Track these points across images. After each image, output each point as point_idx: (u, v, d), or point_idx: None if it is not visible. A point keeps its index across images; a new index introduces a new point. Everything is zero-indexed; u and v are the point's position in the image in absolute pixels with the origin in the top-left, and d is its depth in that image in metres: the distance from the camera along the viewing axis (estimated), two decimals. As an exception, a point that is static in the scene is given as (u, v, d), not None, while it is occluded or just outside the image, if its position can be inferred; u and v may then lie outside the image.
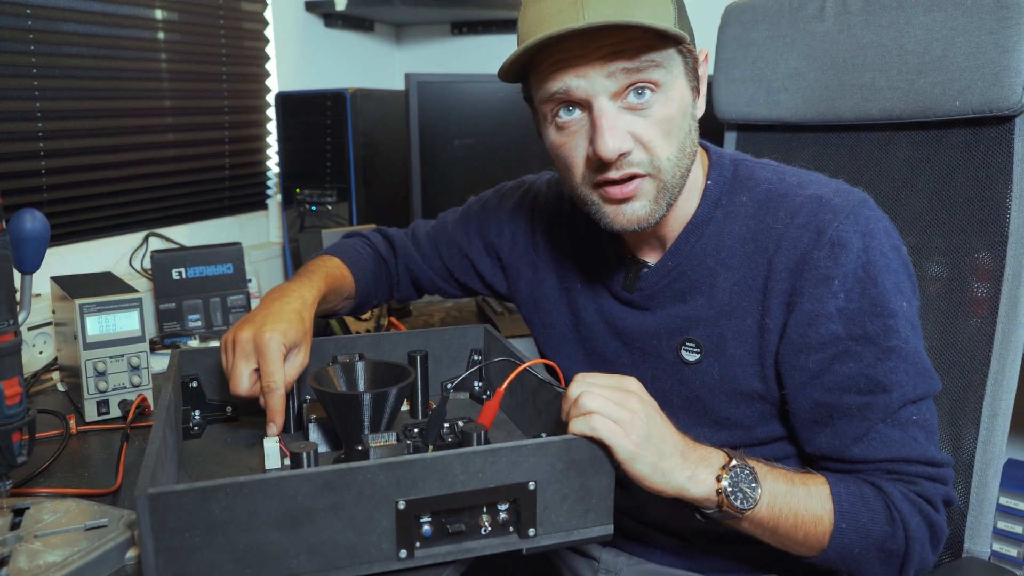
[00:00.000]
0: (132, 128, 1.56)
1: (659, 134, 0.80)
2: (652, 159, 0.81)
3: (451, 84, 1.72)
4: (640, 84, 0.78)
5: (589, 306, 0.99)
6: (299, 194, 1.75)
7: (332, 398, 0.85)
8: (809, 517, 0.78)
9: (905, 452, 0.80)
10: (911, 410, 0.80)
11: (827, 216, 0.81)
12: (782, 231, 0.83)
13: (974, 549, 0.99)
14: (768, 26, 1.19)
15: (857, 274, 0.80)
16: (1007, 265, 0.97)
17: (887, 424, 0.80)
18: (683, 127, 0.82)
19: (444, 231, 1.14)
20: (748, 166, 0.91)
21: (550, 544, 0.73)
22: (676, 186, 0.83)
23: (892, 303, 0.80)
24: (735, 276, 0.86)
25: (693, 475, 0.74)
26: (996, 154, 0.99)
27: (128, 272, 1.55)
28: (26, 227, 0.80)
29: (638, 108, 0.79)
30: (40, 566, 0.67)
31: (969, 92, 0.99)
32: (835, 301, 0.80)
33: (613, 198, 0.82)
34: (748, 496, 0.75)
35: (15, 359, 0.72)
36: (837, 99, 1.13)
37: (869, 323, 0.80)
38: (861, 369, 0.80)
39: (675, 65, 0.81)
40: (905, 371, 0.80)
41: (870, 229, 0.81)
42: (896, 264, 0.82)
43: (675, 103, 0.81)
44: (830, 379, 0.81)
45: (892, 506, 0.79)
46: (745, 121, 1.25)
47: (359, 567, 0.67)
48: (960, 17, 1.00)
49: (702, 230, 0.89)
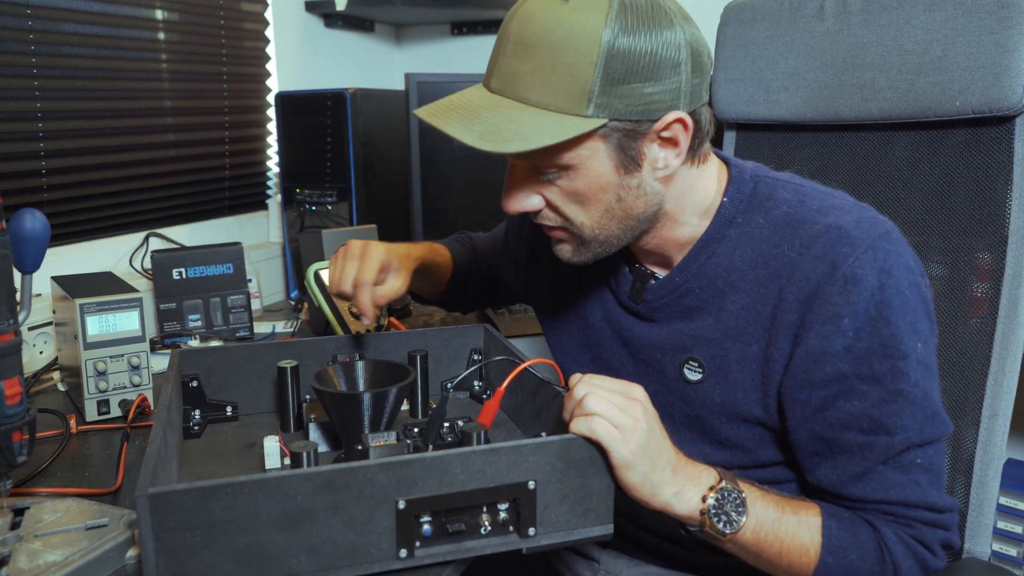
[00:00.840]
0: (132, 128, 1.57)
1: (568, 202, 0.81)
2: (566, 222, 0.82)
3: (451, 84, 1.71)
4: (541, 167, 0.79)
5: (597, 312, 0.99)
6: (299, 194, 1.75)
7: (332, 398, 0.85)
8: (795, 547, 0.78)
9: (904, 496, 0.78)
10: (916, 453, 0.79)
11: (844, 249, 0.78)
12: (796, 260, 0.80)
13: (974, 550, 0.99)
14: (768, 25, 1.19)
15: (869, 313, 0.77)
16: (1007, 265, 0.97)
17: (888, 466, 0.78)
18: (603, 199, 0.80)
19: (489, 239, 1.25)
20: (769, 184, 0.86)
21: (550, 544, 0.73)
22: (606, 240, 0.83)
23: (904, 344, 0.77)
24: (744, 300, 0.84)
25: (680, 492, 0.74)
26: (996, 154, 0.99)
27: (128, 272, 1.55)
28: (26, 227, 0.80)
29: (545, 181, 0.80)
30: (40, 566, 0.67)
31: (969, 92, 0.99)
32: (843, 339, 0.77)
33: (546, 235, 0.87)
34: (732, 520, 0.75)
35: (15, 359, 0.72)
36: (837, 99, 1.13)
37: (877, 363, 0.77)
38: (865, 409, 0.78)
39: (589, 151, 0.77)
40: (911, 415, 0.78)
41: (888, 265, 0.77)
42: (914, 302, 0.78)
43: (586, 180, 0.78)
44: (833, 415, 0.80)
45: (884, 547, 0.78)
46: (745, 120, 1.25)
47: (359, 567, 0.67)
48: (960, 17, 1.00)
49: (713, 248, 0.86)
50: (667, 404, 0.91)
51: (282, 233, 1.84)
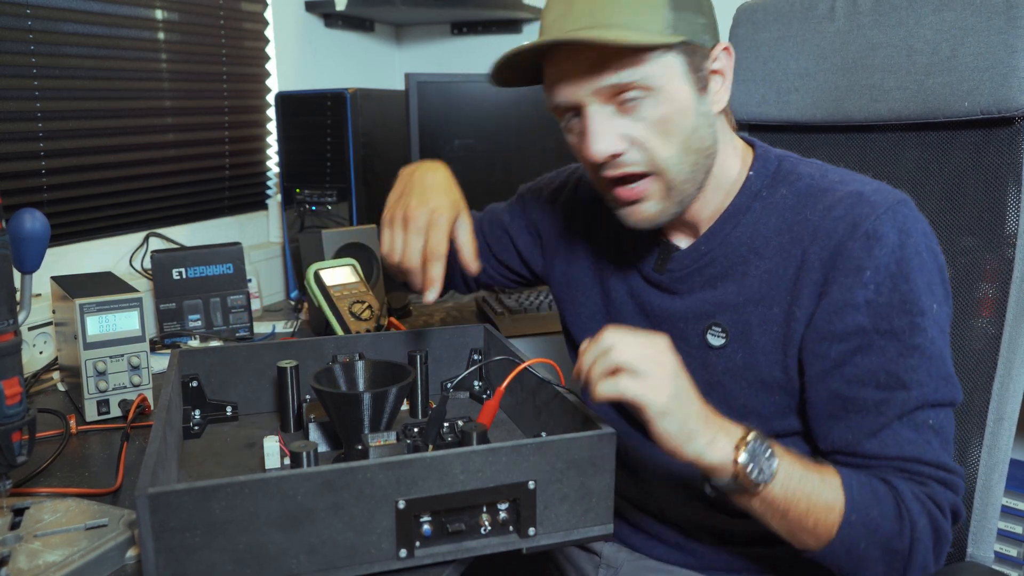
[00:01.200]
0: (132, 128, 1.56)
1: (654, 134, 0.82)
2: (651, 158, 0.82)
3: (451, 84, 1.71)
4: (627, 90, 0.80)
5: (620, 286, 1.00)
6: (299, 194, 1.75)
7: (332, 398, 0.85)
8: (821, 504, 0.76)
9: (919, 453, 0.79)
10: (928, 413, 0.79)
11: (865, 210, 0.81)
12: (818, 223, 0.83)
13: (977, 554, 0.98)
14: (779, 27, 1.19)
15: (890, 268, 0.79)
16: (1015, 267, 0.97)
17: (902, 423, 0.79)
18: (684, 125, 0.82)
19: (491, 212, 1.21)
20: (792, 161, 0.91)
21: (550, 543, 0.73)
22: (686, 182, 0.85)
23: (923, 301, 0.79)
24: (767, 265, 0.86)
25: (712, 441, 0.73)
26: (1005, 155, 0.99)
27: (128, 272, 1.55)
28: (26, 227, 0.80)
29: (630, 111, 0.81)
30: (40, 566, 0.67)
31: (978, 93, 0.99)
32: (864, 292, 0.80)
33: (623, 200, 0.85)
34: (764, 471, 0.73)
35: (15, 359, 0.72)
36: (847, 100, 1.13)
37: (896, 318, 0.79)
38: (883, 364, 0.79)
39: (670, 68, 0.81)
40: (927, 371, 0.79)
41: (907, 227, 0.81)
42: (931, 265, 0.81)
43: (667, 104, 0.81)
44: (850, 371, 0.81)
45: (902, 503, 0.78)
46: (755, 121, 1.25)
47: (359, 567, 0.67)
48: (969, 17, 0.99)
49: (738, 219, 0.89)
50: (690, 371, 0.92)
51: (282, 233, 1.84)
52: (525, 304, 1.58)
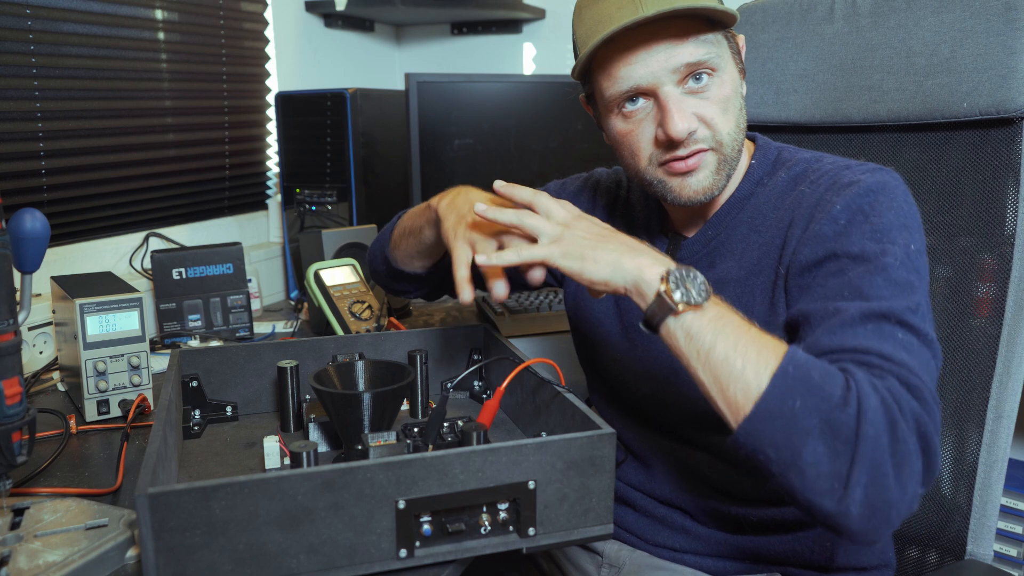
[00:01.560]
0: (132, 128, 1.56)
1: (718, 112, 0.87)
2: (714, 135, 0.87)
3: (451, 84, 1.72)
4: (699, 70, 0.85)
5: None
6: (299, 194, 1.75)
7: (332, 397, 0.85)
8: (753, 351, 0.69)
9: (881, 347, 0.71)
10: (896, 329, 0.73)
11: (846, 172, 0.86)
12: (806, 192, 0.88)
13: (977, 552, 0.98)
14: (778, 28, 1.19)
15: (861, 205, 0.81)
16: (1013, 267, 0.97)
17: (864, 325, 0.73)
18: (737, 104, 0.89)
19: None
20: (791, 150, 0.97)
21: (550, 543, 0.73)
22: (734, 159, 0.90)
23: (893, 234, 0.79)
24: (762, 238, 0.90)
25: (638, 260, 0.75)
26: (1004, 156, 0.99)
27: (128, 272, 1.55)
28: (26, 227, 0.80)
29: (698, 91, 0.86)
30: (40, 566, 0.67)
31: (977, 94, 0.99)
32: (834, 225, 0.82)
33: (678, 172, 0.88)
34: (690, 295, 0.71)
35: (15, 359, 0.72)
36: (845, 100, 1.13)
37: (866, 244, 0.79)
38: (848, 280, 0.77)
39: (725, 48, 0.88)
40: (892, 292, 0.75)
41: (887, 183, 0.83)
42: (908, 211, 0.82)
43: (729, 84, 0.87)
44: (818, 291, 0.80)
45: (851, 379, 0.68)
46: (755, 122, 1.25)
47: (359, 567, 0.67)
48: (968, 19, 1.00)
49: (743, 204, 0.94)
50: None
51: (282, 233, 1.84)
52: (525, 304, 1.58)
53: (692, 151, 0.87)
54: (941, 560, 1.02)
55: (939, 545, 1.02)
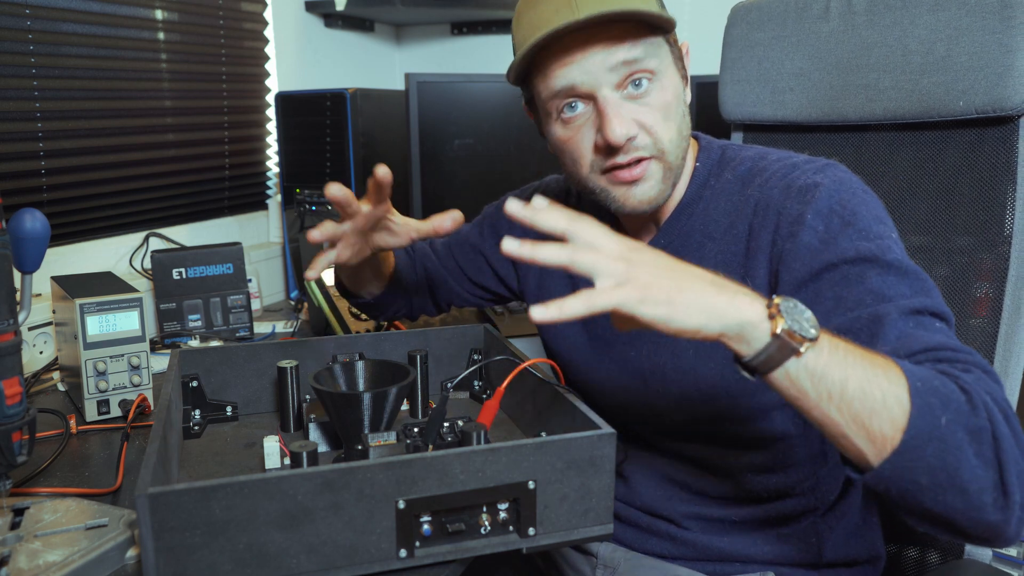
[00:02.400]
0: (132, 128, 1.56)
1: (659, 119, 0.85)
2: (655, 142, 0.86)
3: (451, 84, 1.72)
4: (638, 74, 0.84)
5: None
6: (299, 194, 1.74)
7: (332, 397, 0.85)
8: (882, 377, 0.61)
9: (943, 341, 0.68)
10: (932, 320, 0.70)
11: (796, 173, 0.85)
12: (757, 196, 0.87)
13: (976, 552, 0.99)
14: (774, 26, 1.19)
15: (832, 207, 0.80)
16: (1011, 266, 0.97)
17: (907, 322, 0.70)
18: (678, 111, 0.87)
19: (458, 235, 1.20)
20: (734, 148, 0.95)
21: (550, 543, 0.73)
22: (679, 166, 0.89)
23: (875, 229, 0.78)
24: (718, 246, 0.89)
25: (733, 300, 0.62)
26: (1000, 154, 0.99)
27: (128, 272, 1.55)
28: (26, 227, 0.80)
29: (638, 96, 0.85)
30: (40, 566, 0.67)
31: (973, 92, 0.99)
32: (815, 235, 0.79)
33: (622, 181, 0.87)
34: (804, 325, 0.61)
35: (15, 359, 0.72)
36: (842, 99, 1.13)
37: (860, 244, 0.77)
38: (866, 286, 0.74)
39: (665, 54, 0.86)
40: (910, 285, 0.73)
41: (839, 176, 0.83)
42: (874, 204, 0.82)
43: (669, 89, 0.86)
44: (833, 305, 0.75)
45: (958, 380, 0.64)
46: (751, 121, 1.25)
47: (359, 567, 0.67)
48: (964, 17, 1.00)
49: (691, 209, 0.93)
50: (660, 362, 0.93)
51: (282, 233, 1.84)
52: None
53: (632, 158, 0.85)
54: (941, 560, 1.02)
55: (939, 545, 1.02)
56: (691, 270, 0.64)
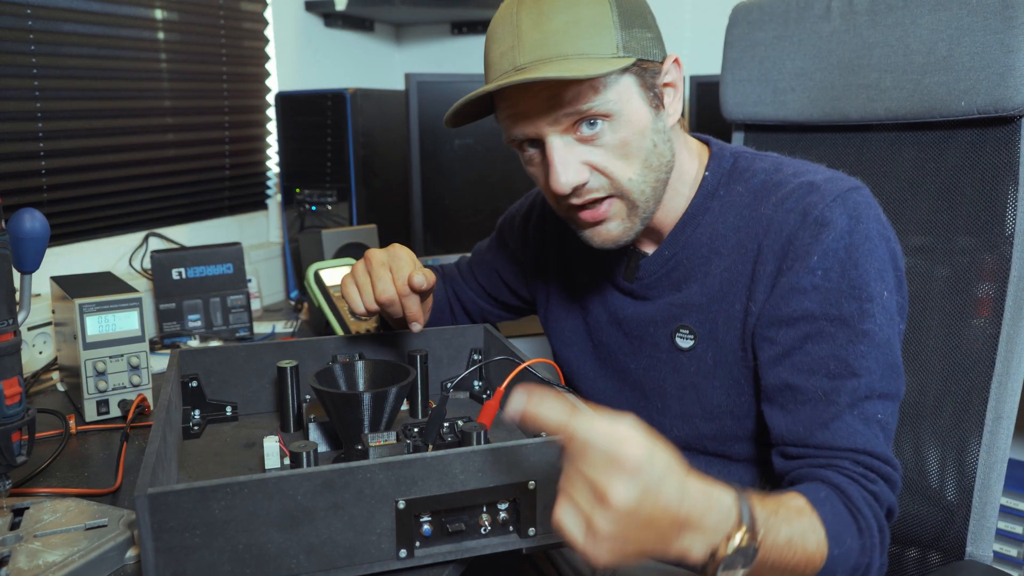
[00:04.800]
0: (132, 128, 1.56)
1: (614, 159, 0.82)
2: (612, 183, 0.83)
3: (451, 84, 1.71)
4: (586, 118, 0.80)
5: (595, 299, 1.01)
6: (299, 194, 1.75)
7: (332, 397, 0.85)
8: (804, 557, 0.70)
9: (869, 445, 0.77)
10: (877, 406, 0.78)
11: (814, 198, 0.82)
12: (771, 215, 0.84)
13: (976, 553, 0.98)
14: (775, 26, 1.19)
15: (838, 253, 0.79)
16: (1012, 266, 0.97)
17: (852, 414, 0.78)
18: (643, 145, 0.83)
19: (478, 253, 1.23)
20: (747, 158, 0.92)
21: (550, 543, 0.73)
22: (649, 200, 0.86)
23: (871, 288, 0.79)
24: (726, 262, 0.87)
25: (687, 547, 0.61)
26: (1002, 154, 0.99)
27: (128, 272, 1.55)
28: (26, 227, 0.80)
29: (590, 139, 0.82)
30: (40, 566, 0.67)
31: (974, 92, 0.99)
32: (812, 277, 0.80)
33: (586, 222, 0.86)
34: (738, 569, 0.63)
35: (15, 359, 0.72)
36: (843, 99, 1.13)
37: (846, 304, 0.79)
38: (832, 351, 0.79)
39: (625, 87, 0.81)
40: (875, 359, 0.78)
41: (858, 213, 0.81)
42: (882, 251, 0.81)
43: (629, 126, 0.81)
44: (799, 358, 0.80)
45: (859, 516, 0.75)
46: (752, 121, 1.25)
47: (359, 567, 0.67)
48: (966, 17, 0.99)
49: (698, 220, 0.90)
50: (660, 378, 0.93)
51: (282, 233, 1.84)
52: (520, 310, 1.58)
53: (587, 199, 0.84)
54: (941, 561, 1.02)
55: (939, 546, 1.02)
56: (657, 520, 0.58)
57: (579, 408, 0.60)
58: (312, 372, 0.90)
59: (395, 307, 0.94)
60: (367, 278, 0.95)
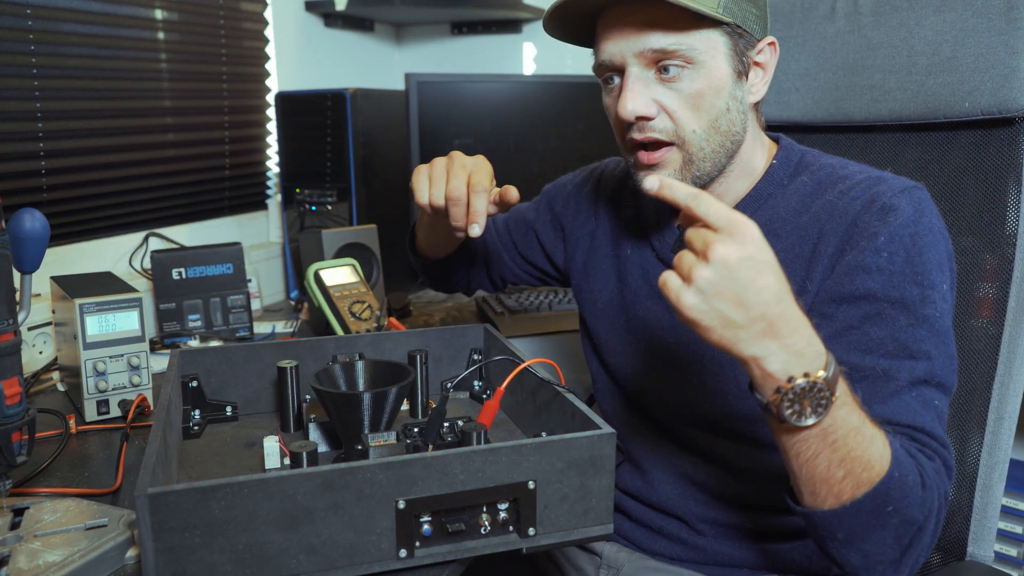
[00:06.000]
0: (132, 128, 1.56)
1: (685, 106, 0.84)
2: (677, 129, 0.85)
3: (451, 84, 1.71)
4: (668, 60, 0.83)
5: (636, 271, 1.02)
6: (299, 194, 1.75)
7: (332, 397, 0.85)
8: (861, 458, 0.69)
9: (928, 426, 0.76)
10: (934, 393, 0.77)
11: (881, 188, 0.84)
12: (836, 202, 0.86)
13: (977, 553, 0.98)
14: (779, 27, 1.19)
15: (903, 239, 0.80)
16: (1015, 267, 0.97)
17: (911, 393, 0.76)
18: (716, 104, 0.85)
19: (516, 211, 1.23)
20: (815, 155, 0.95)
21: (550, 544, 0.73)
22: (706, 159, 0.87)
23: (934, 276, 0.80)
24: (783, 244, 0.88)
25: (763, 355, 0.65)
26: (1005, 155, 0.99)
27: (128, 272, 1.55)
28: (26, 227, 0.80)
29: (668, 80, 0.84)
30: (40, 566, 0.67)
31: (978, 93, 0.99)
32: (877, 258, 0.80)
33: (642, 163, 0.88)
34: (805, 414, 0.66)
35: (15, 359, 0.72)
36: (847, 100, 1.13)
37: (908, 288, 0.79)
38: (892, 333, 0.78)
39: (714, 45, 0.84)
40: (935, 345, 0.78)
41: (923, 207, 0.82)
42: (943, 247, 0.82)
43: (706, 80, 0.84)
44: (858, 338, 0.80)
45: (924, 475, 0.72)
46: (753, 121, 1.25)
47: (359, 567, 0.67)
48: (970, 18, 1.00)
49: (759, 204, 0.92)
50: (700, 353, 0.93)
51: (282, 233, 1.84)
52: (525, 304, 1.58)
53: (647, 138, 0.86)
54: (942, 561, 1.02)
55: (940, 546, 1.02)
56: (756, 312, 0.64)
57: None
58: (312, 372, 0.90)
59: (460, 207, 0.93)
60: (444, 172, 0.94)
